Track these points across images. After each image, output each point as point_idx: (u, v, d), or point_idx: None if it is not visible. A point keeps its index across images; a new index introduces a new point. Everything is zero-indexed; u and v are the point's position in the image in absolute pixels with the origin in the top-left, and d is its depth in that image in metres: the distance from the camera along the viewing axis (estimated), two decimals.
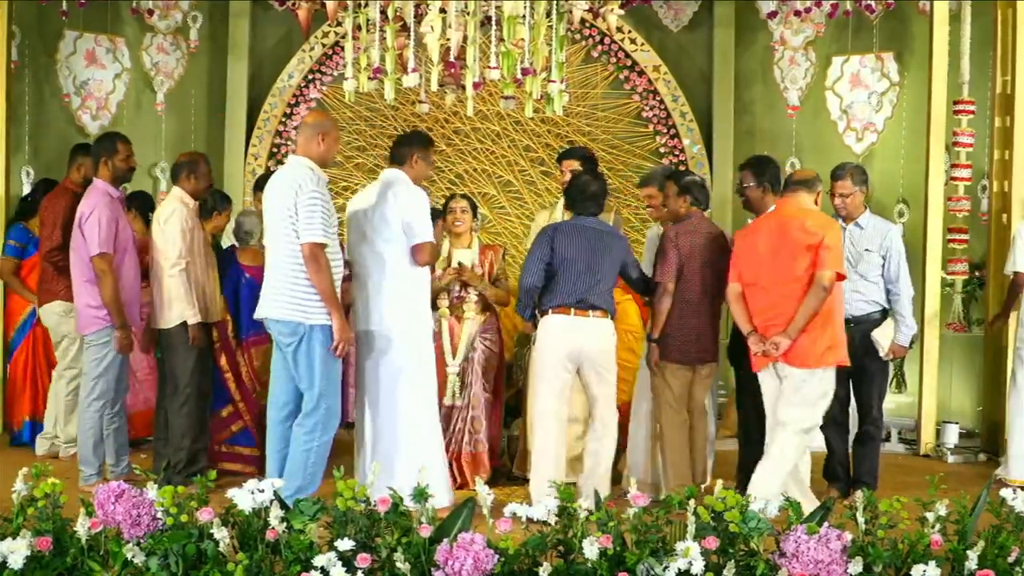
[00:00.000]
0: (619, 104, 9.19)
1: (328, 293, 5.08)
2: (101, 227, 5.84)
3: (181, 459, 5.91)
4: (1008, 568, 3.98)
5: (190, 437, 5.96)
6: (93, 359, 5.96)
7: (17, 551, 3.82)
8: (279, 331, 5.18)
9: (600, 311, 5.67)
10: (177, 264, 5.86)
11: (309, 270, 5.07)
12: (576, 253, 5.65)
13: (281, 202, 5.13)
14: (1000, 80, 7.65)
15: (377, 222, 5.56)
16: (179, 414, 5.96)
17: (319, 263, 5.06)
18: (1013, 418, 6.62)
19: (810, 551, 3.79)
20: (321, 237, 5.07)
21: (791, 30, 8.95)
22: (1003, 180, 7.59)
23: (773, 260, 5.40)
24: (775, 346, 5.36)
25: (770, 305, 5.42)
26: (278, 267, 5.18)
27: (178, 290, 5.87)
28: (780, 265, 5.38)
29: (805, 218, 5.43)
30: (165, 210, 6.01)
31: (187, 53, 9.01)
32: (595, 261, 5.65)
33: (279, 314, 5.15)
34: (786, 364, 5.41)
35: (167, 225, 5.89)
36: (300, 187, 5.09)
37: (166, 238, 5.88)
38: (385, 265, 5.54)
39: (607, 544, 3.81)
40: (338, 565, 3.74)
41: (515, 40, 5.51)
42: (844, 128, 8.82)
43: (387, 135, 9.18)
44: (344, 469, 4.14)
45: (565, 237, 5.69)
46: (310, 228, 5.05)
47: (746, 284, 5.52)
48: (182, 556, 3.82)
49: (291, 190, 5.10)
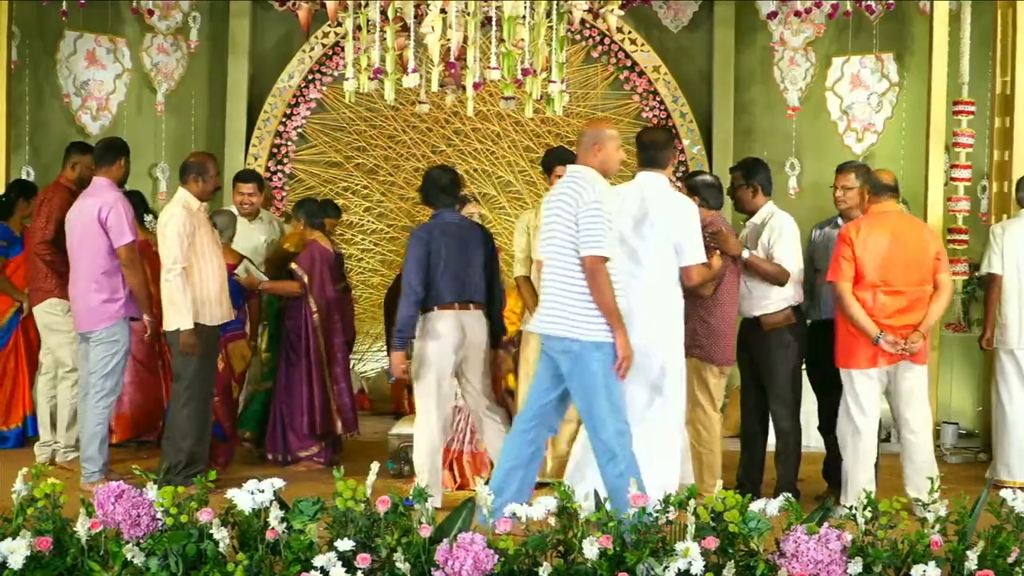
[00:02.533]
0: (619, 104, 9.19)
1: (610, 308, 4.73)
2: (125, 218, 5.95)
3: (181, 460, 5.91)
4: (1008, 568, 3.98)
5: (192, 438, 5.96)
6: (102, 357, 5.97)
7: (17, 551, 3.82)
8: (551, 347, 4.87)
9: (475, 304, 5.75)
10: (172, 269, 5.82)
11: (590, 284, 4.74)
12: (448, 250, 5.69)
13: (561, 214, 4.83)
14: (1000, 80, 7.65)
15: (646, 232, 5.22)
16: (180, 414, 5.96)
17: (601, 277, 4.73)
18: (1010, 417, 6.61)
19: (810, 551, 3.79)
20: (604, 250, 4.75)
21: (791, 30, 8.95)
22: (1003, 181, 7.59)
23: (907, 263, 5.58)
24: (913, 345, 5.50)
25: (906, 306, 5.57)
26: (554, 280, 4.87)
27: (171, 295, 5.83)
28: (914, 268, 5.60)
29: (922, 225, 6.00)
30: (165, 214, 6.00)
31: (187, 53, 9.02)
32: (467, 255, 5.73)
33: (555, 330, 4.84)
34: (912, 363, 5.58)
35: (166, 229, 5.88)
36: (580, 198, 4.78)
37: (163, 241, 5.88)
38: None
39: (607, 544, 3.81)
40: (338, 565, 3.74)
41: (515, 40, 5.51)
42: (844, 129, 8.83)
43: (387, 135, 9.20)
44: (344, 471, 4.13)
45: (437, 238, 5.69)
46: (592, 240, 4.74)
47: (868, 286, 5.56)
48: (182, 556, 3.82)
49: (572, 201, 4.80)
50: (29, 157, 8.32)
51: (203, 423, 6.06)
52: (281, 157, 9.10)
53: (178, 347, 5.91)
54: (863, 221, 5.70)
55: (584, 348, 4.74)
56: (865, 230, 5.61)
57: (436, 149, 9.22)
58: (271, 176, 9.01)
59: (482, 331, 5.78)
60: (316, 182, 9.19)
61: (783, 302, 5.81)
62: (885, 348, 5.50)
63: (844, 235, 5.65)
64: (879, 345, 5.50)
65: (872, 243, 5.57)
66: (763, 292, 5.81)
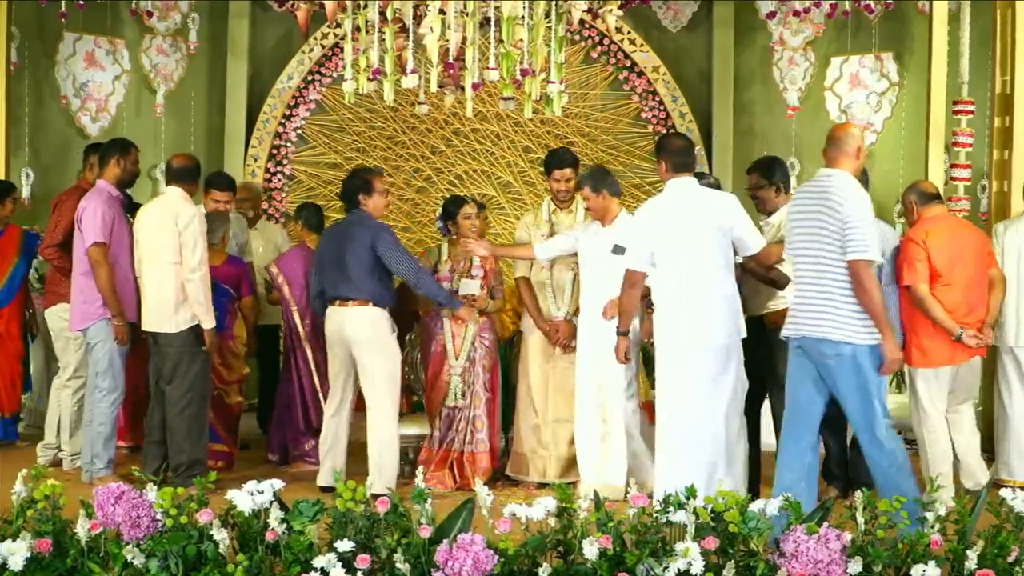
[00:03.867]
0: (618, 105, 9.19)
1: (879, 311, 4.76)
2: (97, 218, 5.92)
3: (182, 462, 5.91)
4: (1008, 568, 3.98)
5: (191, 439, 5.96)
6: (97, 357, 5.98)
7: (17, 553, 3.83)
8: (818, 351, 4.86)
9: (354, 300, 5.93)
10: (198, 269, 5.89)
11: (856, 288, 4.74)
12: (324, 256, 6.03)
13: (822, 217, 4.81)
14: (999, 80, 7.64)
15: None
16: (181, 417, 5.95)
17: (869, 281, 4.74)
18: (1010, 416, 6.62)
19: (809, 551, 3.80)
20: (870, 254, 4.74)
21: (790, 30, 8.95)
22: (1002, 180, 7.58)
23: (968, 261, 5.87)
24: (989, 338, 5.87)
25: (974, 302, 5.88)
26: (816, 284, 4.86)
27: (197, 295, 5.89)
28: (974, 265, 5.91)
29: (971, 224, 6.37)
30: (184, 215, 5.95)
31: (186, 55, 9.01)
32: (342, 256, 5.93)
33: (826, 334, 4.82)
34: (977, 355, 5.98)
35: (191, 229, 5.89)
36: (845, 201, 4.76)
37: (190, 241, 5.89)
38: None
39: (607, 544, 3.81)
40: (338, 566, 3.74)
41: (514, 41, 5.51)
42: None
43: (386, 136, 9.19)
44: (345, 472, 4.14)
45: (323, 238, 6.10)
46: (858, 244, 4.72)
47: (941, 285, 5.78)
48: (182, 557, 3.82)
49: (827, 205, 4.80)
50: (28, 158, 8.31)
51: (203, 424, 6.08)
52: (280, 158, 9.10)
53: (178, 349, 5.91)
54: (924, 224, 5.88)
55: (858, 351, 4.79)
56: (932, 233, 5.80)
57: (435, 150, 9.21)
58: (270, 177, 9.01)
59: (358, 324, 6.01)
60: (316, 183, 9.19)
61: (788, 301, 5.82)
62: (968, 343, 5.76)
63: (913, 239, 5.82)
64: (962, 342, 5.75)
65: (938, 244, 5.79)
66: (771, 291, 5.82)
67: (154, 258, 5.94)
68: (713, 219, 5.29)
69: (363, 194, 6.05)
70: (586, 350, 6.02)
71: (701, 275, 5.26)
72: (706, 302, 5.23)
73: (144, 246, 6.00)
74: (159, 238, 5.93)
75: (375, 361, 5.93)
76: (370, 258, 5.91)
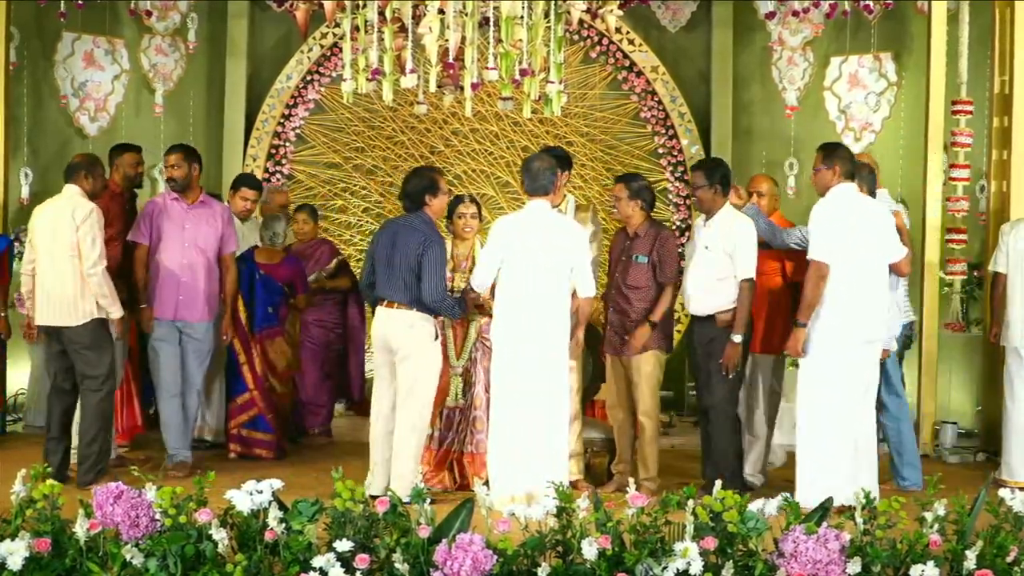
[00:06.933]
0: (617, 104, 9.19)
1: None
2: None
3: (93, 451, 5.87)
4: (1007, 568, 3.98)
5: (106, 431, 5.96)
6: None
7: (16, 552, 3.83)
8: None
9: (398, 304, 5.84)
10: (99, 263, 5.87)
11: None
12: (379, 250, 5.93)
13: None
14: (998, 80, 7.64)
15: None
16: (99, 408, 5.91)
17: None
18: (1013, 416, 6.62)
19: (808, 551, 3.79)
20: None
21: (789, 30, 8.95)
22: (1001, 180, 7.58)
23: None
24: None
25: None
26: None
27: (102, 288, 5.88)
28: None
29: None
30: (82, 209, 5.85)
31: (185, 54, 9.02)
32: (393, 256, 5.84)
33: None
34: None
35: (88, 223, 5.86)
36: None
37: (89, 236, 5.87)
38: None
39: (606, 544, 3.81)
40: (337, 566, 3.74)
41: (513, 41, 5.51)
42: (842, 128, 8.83)
43: (385, 136, 9.19)
44: (343, 471, 4.13)
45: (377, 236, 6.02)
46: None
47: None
48: (181, 557, 3.82)
49: None
50: (27, 158, 8.31)
51: (112, 416, 6.16)
52: (279, 158, 9.10)
53: (86, 342, 5.86)
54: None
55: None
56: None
57: (434, 150, 9.22)
58: (269, 177, 9.01)
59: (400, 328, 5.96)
60: (315, 183, 9.19)
61: (734, 301, 5.87)
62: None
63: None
64: None
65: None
66: (720, 289, 5.86)
67: (52, 254, 5.86)
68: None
69: (429, 194, 5.89)
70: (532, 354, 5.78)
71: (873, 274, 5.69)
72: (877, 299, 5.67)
73: (40, 244, 5.93)
74: (57, 235, 5.84)
75: (406, 367, 5.81)
76: (419, 265, 5.80)
